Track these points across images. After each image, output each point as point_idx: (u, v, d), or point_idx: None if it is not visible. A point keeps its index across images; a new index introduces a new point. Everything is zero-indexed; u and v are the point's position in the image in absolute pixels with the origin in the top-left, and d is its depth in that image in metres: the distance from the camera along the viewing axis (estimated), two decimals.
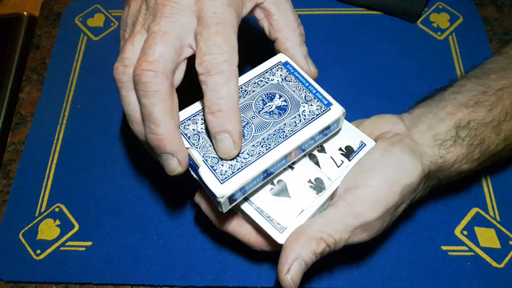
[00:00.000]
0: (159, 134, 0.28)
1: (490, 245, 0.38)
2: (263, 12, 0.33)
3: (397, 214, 0.32)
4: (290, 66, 0.33)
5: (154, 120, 0.28)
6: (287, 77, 0.33)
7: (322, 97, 0.32)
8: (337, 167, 0.32)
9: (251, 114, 0.31)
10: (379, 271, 0.38)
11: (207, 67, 0.27)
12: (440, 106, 0.34)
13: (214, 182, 0.28)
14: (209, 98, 0.28)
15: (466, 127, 0.33)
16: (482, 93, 0.34)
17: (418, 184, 0.31)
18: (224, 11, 0.28)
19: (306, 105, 0.31)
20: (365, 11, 0.51)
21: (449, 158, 0.32)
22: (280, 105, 0.31)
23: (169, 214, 0.41)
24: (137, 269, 0.38)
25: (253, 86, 0.32)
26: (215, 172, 0.29)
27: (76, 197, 0.42)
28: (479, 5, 0.51)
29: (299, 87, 0.32)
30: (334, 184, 0.32)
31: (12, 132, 0.46)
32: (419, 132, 0.33)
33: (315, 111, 0.31)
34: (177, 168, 0.29)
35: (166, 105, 0.28)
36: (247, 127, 0.30)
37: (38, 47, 0.51)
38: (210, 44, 0.28)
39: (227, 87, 0.28)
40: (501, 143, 0.34)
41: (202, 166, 0.29)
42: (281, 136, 0.30)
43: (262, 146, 0.30)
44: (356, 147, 0.33)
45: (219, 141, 0.28)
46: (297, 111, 0.31)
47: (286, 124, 0.30)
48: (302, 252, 0.28)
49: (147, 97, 0.27)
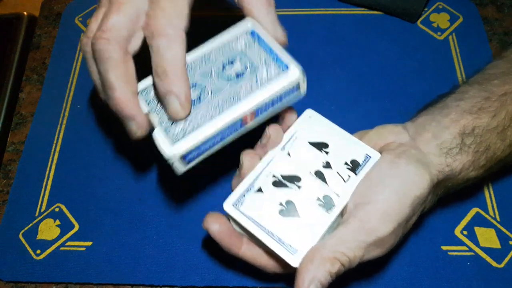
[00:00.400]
0: (115, 98, 0.29)
1: (490, 245, 0.38)
2: None
3: (409, 227, 0.32)
4: (256, 33, 0.32)
5: (110, 85, 0.29)
6: (251, 44, 0.32)
7: (281, 61, 0.31)
8: (344, 182, 0.32)
9: (209, 79, 0.31)
10: (379, 271, 0.38)
11: (151, 30, 0.29)
12: (444, 113, 0.33)
13: (165, 143, 0.29)
14: (154, 61, 0.29)
15: (471, 134, 0.32)
16: (485, 99, 0.33)
17: (428, 195, 0.31)
18: None
19: (264, 69, 0.31)
20: (365, 11, 0.51)
21: (456, 166, 0.32)
22: (239, 70, 0.31)
23: (169, 214, 0.41)
24: (137, 269, 0.38)
25: (216, 54, 0.32)
26: (168, 134, 0.30)
27: (76, 197, 0.42)
28: (479, 5, 0.51)
29: (260, 52, 0.32)
30: (343, 200, 0.31)
31: (12, 132, 0.46)
32: (424, 141, 0.32)
33: (272, 74, 0.30)
34: (136, 131, 0.30)
35: (119, 71, 0.29)
36: (203, 92, 0.31)
37: (38, 47, 0.51)
38: (157, 8, 0.29)
39: (172, 50, 0.28)
40: (507, 148, 0.33)
41: (156, 129, 0.30)
42: (234, 99, 0.30)
43: (216, 109, 0.30)
44: (362, 161, 0.32)
45: (167, 103, 0.29)
46: (254, 75, 0.31)
47: (242, 87, 0.30)
48: (318, 273, 0.28)
49: (101, 64, 0.29)
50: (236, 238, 0.32)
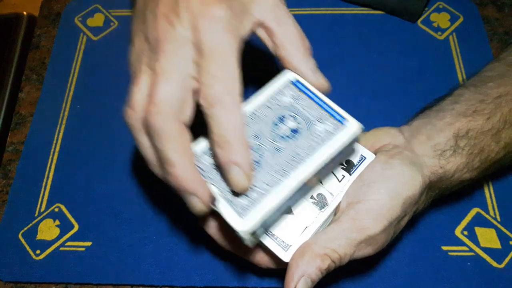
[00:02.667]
0: (176, 175, 0.27)
1: (490, 245, 0.38)
2: (265, 31, 0.31)
3: (401, 227, 0.32)
4: (300, 84, 0.31)
5: (169, 161, 0.27)
6: (298, 96, 0.31)
7: (337, 114, 0.30)
8: (338, 181, 0.32)
9: (264, 140, 0.29)
10: (379, 271, 0.38)
11: (208, 100, 0.27)
12: (439, 116, 0.34)
13: (235, 217, 0.27)
14: (213, 131, 0.27)
15: (465, 136, 0.32)
16: (480, 102, 0.33)
17: (420, 195, 0.31)
18: (222, 38, 0.27)
19: (320, 123, 0.29)
20: (365, 11, 0.51)
21: (450, 168, 0.32)
22: (293, 127, 0.30)
23: (169, 214, 0.41)
24: (137, 269, 0.38)
25: (264, 110, 0.30)
26: (234, 206, 0.28)
27: (76, 197, 0.42)
28: (480, 5, 0.51)
29: (311, 106, 0.30)
30: (336, 199, 0.32)
31: (12, 132, 0.46)
32: (419, 143, 0.33)
33: (331, 130, 0.29)
34: (201, 207, 0.28)
35: (177, 145, 0.27)
36: (261, 155, 0.29)
37: (38, 47, 0.51)
38: (210, 76, 0.27)
39: (231, 118, 0.27)
40: (501, 151, 0.34)
41: (221, 201, 0.28)
42: (297, 160, 0.28)
43: (279, 173, 0.28)
44: (356, 161, 0.33)
45: (229, 174, 0.27)
46: (311, 132, 0.29)
47: (301, 147, 0.29)
48: (308, 269, 0.28)
49: (158, 140, 0.27)
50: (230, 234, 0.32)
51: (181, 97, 0.27)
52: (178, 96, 0.27)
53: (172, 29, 0.28)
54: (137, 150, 0.44)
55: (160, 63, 0.27)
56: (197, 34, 0.28)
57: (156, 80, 0.27)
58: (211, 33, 0.27)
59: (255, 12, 0.30)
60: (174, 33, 0.28)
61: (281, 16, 0.31)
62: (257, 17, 0.30)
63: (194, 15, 0.28)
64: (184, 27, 0.28)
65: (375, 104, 0.45)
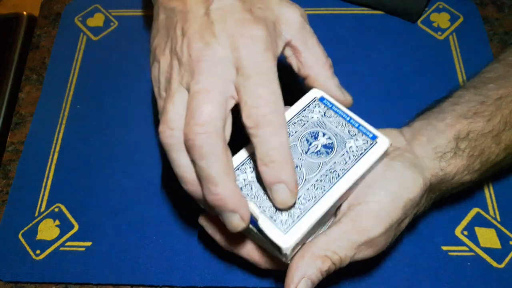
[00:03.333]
0: (220, 194, 0.27)
1: (490, 245, 0.38)
2: (291, 50, 0.32)
3: (401, 229, 0.32)
4: (327, 101, 0.32)
5: (213, 180, 0.27)
6: (327, 113, 0.32)
7: (366, 130, 0.31)
8: None
9: (298, 156, 0.30)
10: (379, 271, 0.38)
11: (255, 120, 0.27)
12: (439, 118, 0.34)
13: (277, 233, 0.28)
14: (260, 150, 0.27)
15: (465, 138, 0.32)
16: (481, 104, 0.33)
17: (421, 198, 0.31)
18: (263, 58, 0.27)
19: (352, 140, 0.31)
20: (365, 11, 0.51)
21: (450, 170, 0.32)
22: (326, 143, 0.31)
23: (169, 214, 0.41)
24: (137, 269, 0.38)
25: (294, 127, 0.31)
26: (276, 223, 0.28)
27: (76, 197, 0.42)
28: (480, 5, 0.51)
29: (340, 122, 0.31)
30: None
31: (12, 132, 0.46)
32: (419, 145, 0.33)
33: (362, 145, 0.30)
34: (240, 224, 0.28)
35: (222, 164, 0.27)
36: (297, 171, 0.30)
37: (38, 47, 0.51)
38: (255, 96, 0.27)
39: (278, 137, 0.27)
40: (502, 152, 0.34)
41: (261, 218, 0.28)
42: (334, 176, 0.29)
43: (317, 189, 0.29)
44: None
45: (275, 192, 0.28)
46: (344, 148, 0.30)
47: (336, 163, 0.30)
48: (308, 270, 0.28)
49: (203, 159, 0.26)
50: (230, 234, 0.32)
51: (223, 116, 0.27)
52: (221, 116, 0.27)
53: (209, 48, 0.27)
54: (137, 150, 0.44)
55: (199, 83, 0.27)
56: (237, 54, 0.27)
57: (199, 99, 0.27)
58: (253, 53, 0.27)
59: (284, 32, 0.31)
60: (211, 52, 0.27)
61: (307, 36, 0.32)
62: (286, 37, 0.31)
63: (232, 35, 0.28)
64: (222, 47, 0.27)
65: (374, 104, 0.45)
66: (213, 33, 0.28)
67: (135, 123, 0.45)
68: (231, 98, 0.28)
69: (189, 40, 0.28)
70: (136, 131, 0.45)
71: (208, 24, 0.28)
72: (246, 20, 0.28)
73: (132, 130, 0.45)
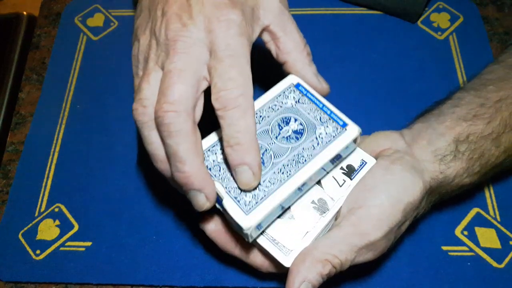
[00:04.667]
0: (186, 172, 0.27)
1: (490, 245, 0.38)
2: (270, 35, 0.32)
3: (401, 232, 0.32)
4: (302, 88, 0.33)
5: (180, 159, 0.27)
6: (301, 99, 0.32)
7: (338, 118, 0.31)
8: (339, 186, 0.32)
9: (268, 140, 0.31)
10: (379, 271, 0.38)
11: (223, 102, 0.27)
12: (439, 120, 0.34)
13: (239, 213, 0.28)
14: (227, 132, 0.28)
15: (465, 141, 0.32)
16: (480, 106, 0.33)
17: (420, 201, 0.31)
18: (236, 42, 0.28)
19: (322, 127, 0.31)
20: (365, 11, 0.51)
21: (450, 173, 0.32)
22: (297, 129, 0.31)
23: (169, 214, 0.41)
24: (137, 269, 0.38)
25: (268, 111, 0.32)
26: (239, 203, 0.29)
27: (76, 197, 0.42)
28: (480, 5, 0.51)
29: (313, 109, 0.32)
30: (337, 204, 0.32)
31: (12, 132, 0.46)
32: (419, 148, 0.33)
33: (332, 132, 0.31)
34: (205, 203, 0.28)
35: (190, 143, 0.27)
36: (265, 154, 0.30)
37: (38, 47, 0.51)
38: (225, 78, 0.27)
39: (244, 120, 0.27)
40: (501, 155, 0.34)
41: (225, 198, 0.29)
42: (300, 161, 0.30)
43: (283, 173, 0.29)
44: (357, 166, 0.33)
45: (239, 173, 0.28)
46: (314, 134, 0.31)
47: (304, 149, 0.30)
48: (309, 274, 0.28)
49: (171, 137, 0.27)
50: (231, 237, 0.33)
51: (194, 96, 0.28)
52: (192, 95, 0.28)
53: (185, 29, 0.28)
54: (137, 150, 0.44)
55: (173, 62, 0.28)
56: (211, 36, 0.28)
57: (171, 78, 0.27)
58: (226, 37, 0.28)
59: (262, 17, 0.31)
60: (187, 33, 0.28)
61: (285, 22, 0.32)
62: (264, 22, 0.31)
63: (208, 18, 0.28)
64: (198, 29, 0.28)
65: (375, 104, 0.45)
66: (191, 15, 0.28)
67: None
68: (204, 79, 0.29)
69: (167, 21, 0.29)
70: (136, 131, 0.45)
71: (186, 7, 0.29)
72: (223, 4, 0.28)
73: (132, 130, 0.45)
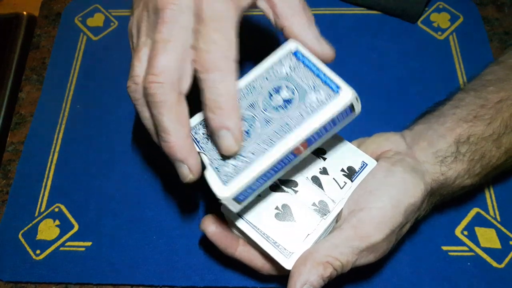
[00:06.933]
0: (169, 142, 0.28)
1: (490, 245, 0.38)
2: (267, 2, 0.31)
3: (402, 234, 0.32)
4: (300, 53, 0.30)
5: (164, 129, 0.28)
6: (297, 67, 0.29)
7: (331, 82, 0.28)
8: (340, 188, 0.32)
9: (257, 111, 0.29)
10: (380, 271, 0.38)
11: (204, 64, 0.27)
12: (440, 121, 0.33)
13: (218, 183, 0.28)
14: (207, 95, 0.27)
15: (466, 142, 0.32)
16: (481, 107, 0.33)
17: (422, 203, 0.31)
18: (222, 6, 0.28)
19: (314, 93, 0.28)
20: (365, 11, 0.51)
21: (451, 175, 0.32)
22: (287, 98, 0.29)
23: (169, 214, 0.41)
24: (137, 269, 0.38)
25: (262, 81, 0.30)
26: (220, 174, 0.28)
27: (76, 197, 0.42)
28: (480, 5, 0.51)
29: (307, 75, 0.29)
30: (338, 206, 0.31)
31: (12, 132, 0.46)
32: (420, 150, 0.33)
33: (323, 99, 0.27)
34: (188, 175, 0.29)
35: (174, 114, 0.28)
36: (252, 125, 0.29)
37: (38, 47, 0.51)
38: (208, 41, 0.27)
39: (225, 84, 0.27)
40: (502, 156, 0.33)
41: (208, 169, 0.29)
42: (285, 130, 0.28)
43: (266, 143, 0.28)
44: (358, 168, 0.33)
45: (220, 138, 0.28)
46: (303, 102, 0.28)
47: (291, 117, 0.28)
48: (310, 277, 0.28)
49: (155, 108, 0.28)
50: (232, 239, 0.32)
51: (180, 66, 0.28)
52: (177, 66, 0.28)
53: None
54: (137, 150, 0.44)
55: (160, 32, 0.28)
56: (198, 2, 0.28)
57: (156, 49, 0.27)
58: (212, 2, 0.28)
59: None
60: (176, 1, 0.28)
61: None
62: None
63: None
64: None
65: (374, 104, 0.45)
66: None
67: (135, 123, 0.45)
68: (192, 48, 0.28)
69: None
70: (136, 131, 0.45)
71: None
72: None
73: (132, 130, 0.45)
